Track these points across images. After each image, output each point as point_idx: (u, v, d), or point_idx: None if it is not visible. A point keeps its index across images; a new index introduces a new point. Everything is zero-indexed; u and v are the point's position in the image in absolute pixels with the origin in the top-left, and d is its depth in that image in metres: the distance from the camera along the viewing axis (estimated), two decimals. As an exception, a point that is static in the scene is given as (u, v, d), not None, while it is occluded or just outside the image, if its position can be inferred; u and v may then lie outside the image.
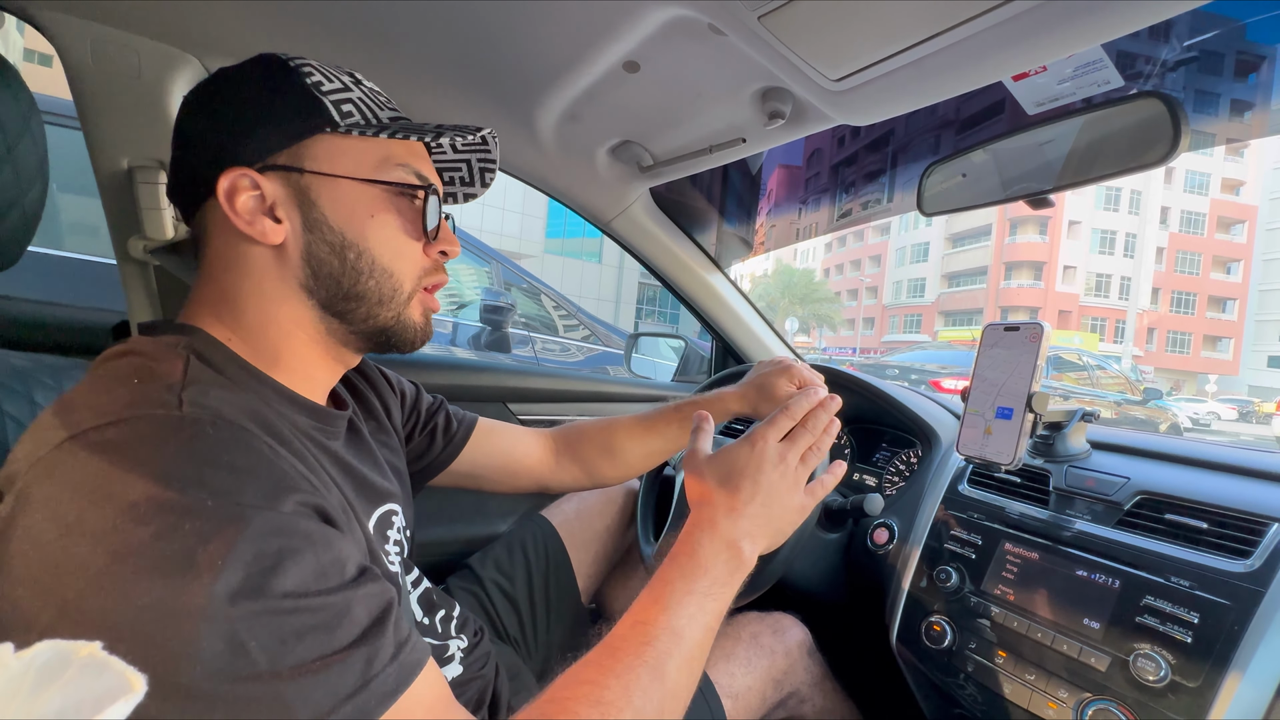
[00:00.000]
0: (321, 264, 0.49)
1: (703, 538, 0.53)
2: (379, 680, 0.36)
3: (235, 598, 0.32)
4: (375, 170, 0.50)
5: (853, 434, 1.29)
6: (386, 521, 0.58)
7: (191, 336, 0.46)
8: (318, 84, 0.49)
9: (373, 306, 0.51)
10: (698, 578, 0.51)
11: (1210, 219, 40.08)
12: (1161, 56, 1.11)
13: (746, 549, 0.54)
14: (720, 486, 0.56)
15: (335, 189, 0.48)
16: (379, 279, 0.50)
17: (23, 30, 8.83)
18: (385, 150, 0.51)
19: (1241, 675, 0.57)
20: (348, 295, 0.50)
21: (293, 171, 0.47)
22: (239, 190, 0.46)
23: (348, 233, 0.49)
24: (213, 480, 0.35)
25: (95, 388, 0.40)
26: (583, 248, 24.14)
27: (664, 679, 0.46)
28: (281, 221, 0.47)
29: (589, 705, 0.42)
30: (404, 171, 0.51)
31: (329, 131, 0.48)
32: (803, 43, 0.67)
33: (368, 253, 0.50)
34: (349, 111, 0.49)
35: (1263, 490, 0.71)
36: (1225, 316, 41.01)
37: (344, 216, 0.49)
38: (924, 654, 0.82)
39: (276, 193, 0.47)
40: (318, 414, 0.52)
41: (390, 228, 0.51)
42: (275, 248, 0.48)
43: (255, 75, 0.49)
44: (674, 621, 0.48)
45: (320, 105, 0.48)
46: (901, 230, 46.98)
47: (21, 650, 0.20)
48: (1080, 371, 9.33)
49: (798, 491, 0.57)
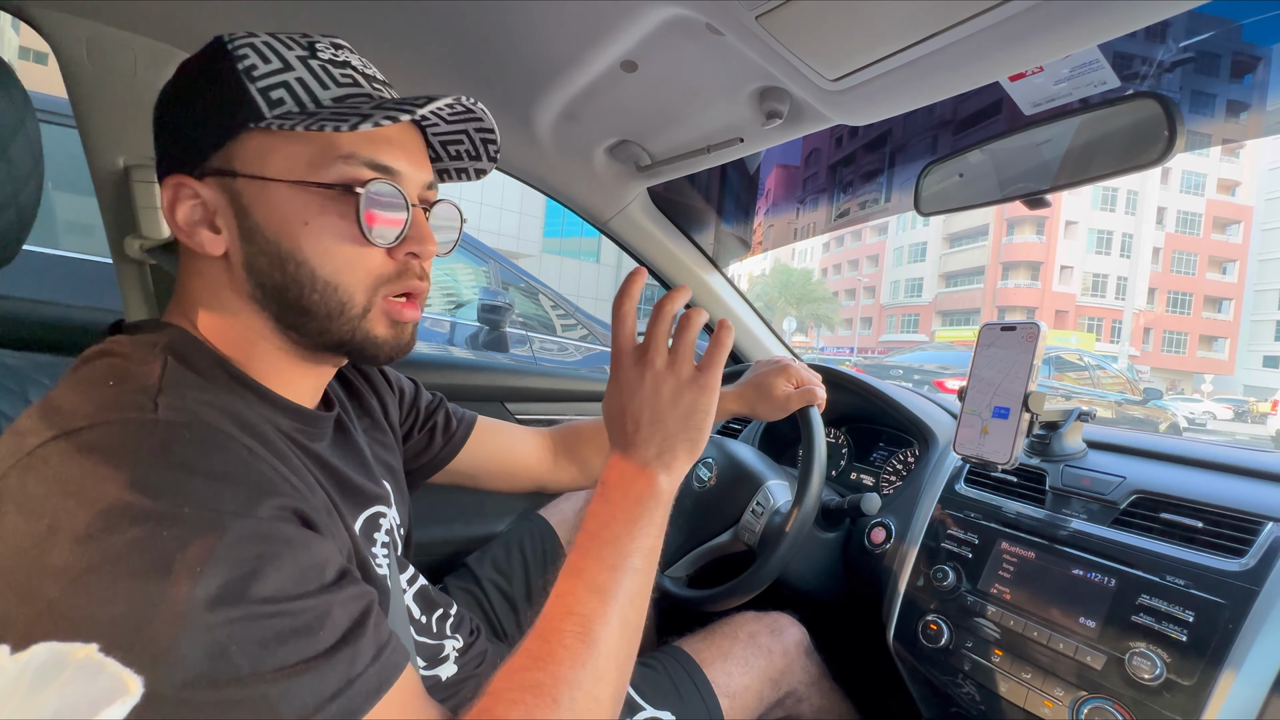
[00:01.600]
0: (264, 276, 0.45)
1: (607, 488, 0.49)
2: (361, 681, 0.36)
3: (214, 604, 0.32)
4: (310, 169, 0.43)
5: (850, 433, 1.29)
6: (374, 523, 0.58)
7: (171, 336, 0.45)
8: (250, 69, 0.43)
9: (323, 321, 0.46)
10: (608, 526, 0.47)
11: (1206, 219, 40.25)
12: (1158, 57, 1.11)
13: (660, 477, 0.49)
14: (612, 429, 0.52)
15: (266, 193, 0.43)
16: (323, 293, 0.45)
17: (18, 28, 8.78)
18: (324, 141, 0.43)
19: (1236, 673, 0.57)
20: (295, 309, 0.45)
21: (226, 175, 0.44)
22: (180, 200, 0.44)
23: (283, 242, 0.44)
24: (189, 487, 0.35)
25: (73, 390, 0.39)
26: (580, 247, 24.12)
27: (594, 642, 0.43)
28: (219, 231, 0.44)
29: (523, 691, 0.40)
30: (350, 166, 0.44)
31: (254, 127, 0.43)
32: (800, 42, 0.67)
33: (306, 264, 0.44)
34: (279, 99, 0.43)
35: (1257, 489, 0.71)
36: (1221, 316, 41.19)
37: (277, 225, 0.44)
38: (921, 653, 0.83)
39: (215, 200, 0.44)
40: (301, 416, 0.50)
41: (329, 234, 0.44)
42: (222, 258, 0.45)
43: (197, 66, 0.45)
44: (595, 580, 0.45)
45: (246, 96, 0.42)
46: (899, 230, 47.08)
47: (18, 652, 0.20)
48: (1081, 371, 9.37)
49: (679, 373, 0.50)
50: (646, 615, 0.49)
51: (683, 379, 0.50)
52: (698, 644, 0.85)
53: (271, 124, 0.42)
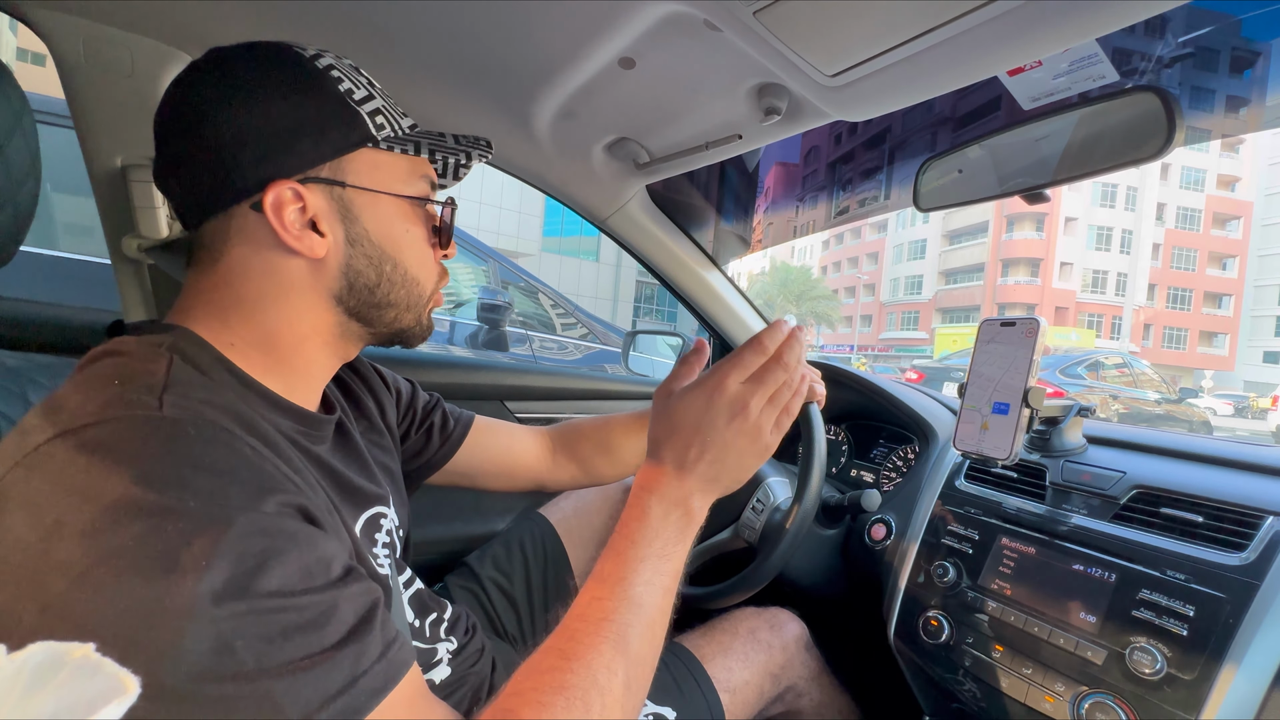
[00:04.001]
0: (359, 276, 0.50)
1: (651, 501, 0.50)
2: (367, 678, 0.36)
3: (220, 598, 0.32)
4: (406, 183, 0.52)
5: (850, 430, 1.29)
6: (374, 524, 0.58)
7: (177, 336, 0.45)
8: (349, 92, 0.49)
9: (401, 313, 0.54)
10: (649, 542, 0.48)
11: (1206, 215, 40.22)
12: (1157, 52, 1.11)
13: (697, 505, 0.50)
14: (670, 438, 0.51)
15: (376, 203, 0.50)
16: (409, 288, 0.53)
17: (16, 30, 8.79)
18: (413, 162, 0.53)
19: (1237, 667, 0.58)
20: (379, 304, 0.52)
21: (335, 185, 0.48)
22: (284, 203, 0.46)
23: (386, 247, 0.51)
24: (194, 482, 0.35)
25: (78, 389, 0.39)
26: (580, 246, 24.10)
27: (627, 651, 0.44)
28: (325, 235, 0.48)
29: (552, 693, 0.40)
30: (424, 183, 0.54)
31: (370, 147, 0.49)
32: (798, 38, 0.67)
33: (401, 264, 0.52)
34: (382, 124, 0.50)
35: (1258, 484, 0.71)
36: (1221, 312, 41.18)
37: (384, 231, 0.51)
38: (921, 649, 0.83)
39: (319, 206, 0.47)
40: (303, 419, 0.51)
41: (419, 239, 0.54)
42: (314, 260, 0.48)
43: (280, 72, 0.47)
44: (630, 591, 0.46)
45: (359, 119, 0.49)
46: (898, 227, 47.05)
47: (14, 652, 0.20)
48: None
49: (760, 437, 0.51)
50: None
51: (764, 429, 0.51)
52: (698, 640, 0.85)
53: (384, 145, 0.50)
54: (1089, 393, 8.55)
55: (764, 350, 0.51)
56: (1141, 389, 9.41)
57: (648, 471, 0.51)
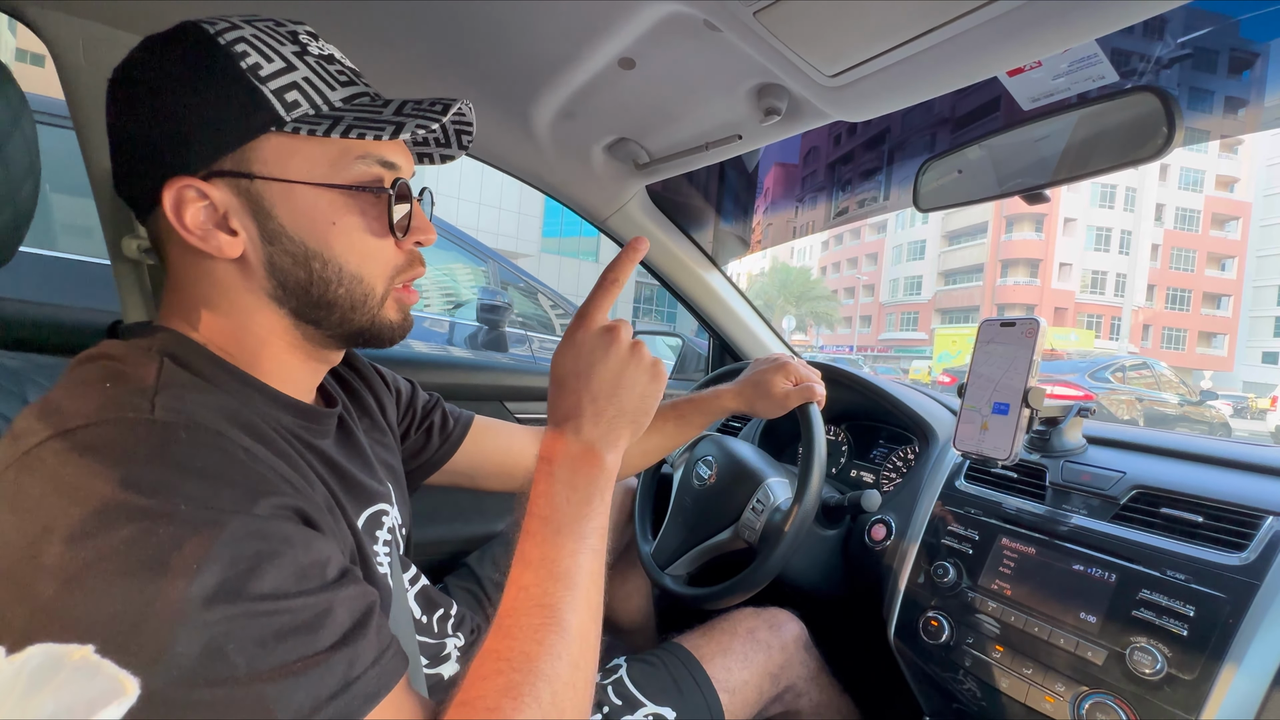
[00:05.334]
0: (287, 275, 0.46)
1: (552, 467, 0.47)
2: (361, 683, 0.36)
3: (211, 601, 0.32)
4: (332, 170, 0.45)
5: (850, 430, 1.29)
6: (376, 521, 0.58)
7: (166, 338, 0.44)
8: (255, 67, 0.43)
9: (346, 313, 0.48)
10: (561, 509, 0.46)
11: (1205, 216, 40.26)
12: (1156, 53, 1.11)
13: (604, 453, 0.48)
14: (558, 398, 0.50)
15: (290, 195, 0.44)
16: (349, 286, 0.47)
17: (15, 30, 8.77)
18: (343, 144, 0.45)
19: (1237, 667, 0.57)
20: (318, 304, 0.47)
21: (241, 178, 0.43)
22: (185, 203, 0.43)
23: (310, 242, 0.45)
24: (185, 486, 0.35)
25: (69, 392, 0.39)
26: (579, 246, 24.11)
27: (566, 631, 0.42)
28: (237, 233, 0.44)
29: (499, 696, 0.38)
30: (365, 164, 0.46)
31: (275, 131, 0.43)
32: (798, 39, 0.67)
33: (334, 261, 0.46)
34: (294, 102, 0.44)
35: (1257, 484, 0.71)
36: (1220, 313, 41.21)
37: (304, 225, 0.45)
38: (922, 649, 0.83)
39: (227, 201, 0.44)
40: (304, 413, 0.51)
41: (356, 231, 0.46)
42: (237, 260, 0.45)
43: (181, 57, 0.44)
44: (556, 568, 0.44)
45: (262, 99, 0.43)
46: (898, 228, 47.08)
47: (13, 654, 0.20)
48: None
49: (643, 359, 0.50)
50: (646, 611, 0.48)
51: (644, 363, 0.50)
52: (697, 640, 0.85)
53: (294, 128, 0.43)
54: (1114, 394, 8.70)
55: (616, 281, 0.50)
56: (1164, 391, 9.60)
57: (545, 441, 0.49)
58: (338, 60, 0.48)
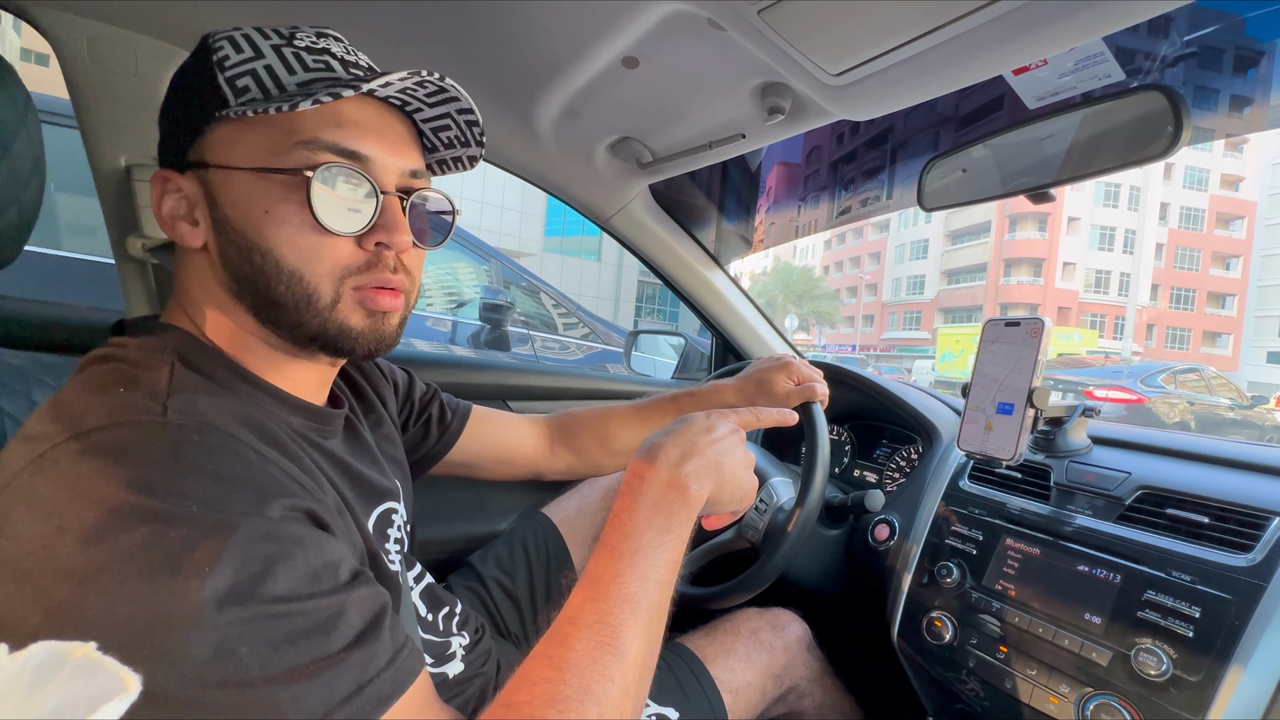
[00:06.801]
0: (236, 268, 0.44)
1: (642, 486, 0.48)
2: (374, 685, 0.36)
3: (223, 603, 0.32)
4: (270, 155, 0.42)
5: (853, 430, 1.29)
6: (386, 520, 0.58)
7: (176, 339, 0.44)
8: (223, 60, 0.43)
9: (293, 313, 0.44)
10: (642, 532, 0.46)
11: (1209, 215, 40.10)
12: (1161, 52, 1.10)
13: (693, 486, 0.49)
14: (663, 439, 0.52)
15: (231, 183, 0.43)
16: (289, 283, 0.43)
17: (20, 30, 8.79)
18: (286, 128, 0.42)
19: (1243, 669, 0.57)
20: (266, 301, 0.44)
21: (199, 168, 0.44)
22: (165, 194, 0.45)
23: (248, 232, 0.43)
24: (197, 488, 0.35)
25: (81, 393, 0.39)
26: (582, 246, 24.10)
27: (623, 655, 0.41)
28: (198, 224, 0.44)
29: (545, 705, 0.38)
30: (308, 151, 0.42)
31: (219, 116, 0.42)
32: (802, 37, 0.67)
33: (271, 254, 0.43)
34: (244, 87, 0.42)
35: (1263, 484, 0.71)
36: (1224, 312, 41.03)
37: (242, 214, 0.43)
38: (925, 650, 0.82)
39: (194, 192, 0.44)
40: (312, 414, 0.51)
41: (290, 223, 0.43)
42: (203, 251, 0.45)
43: (185, 64, 0.46)
44: (625, 589, 0.43)
45: (215, 87, 0.42)
46: (900, 227, 46.97)
47: (16, 651, 0.20)
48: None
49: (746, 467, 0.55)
50: None
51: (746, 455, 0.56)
52: (700, 640, 0.85)
53: (234, 111, 0.42)
54: (1168, 399, 8.74)
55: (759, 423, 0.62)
56: (1215, 395, 9.57)
57: (639, 462, 0.50)
58: (330, 54, 0.46)
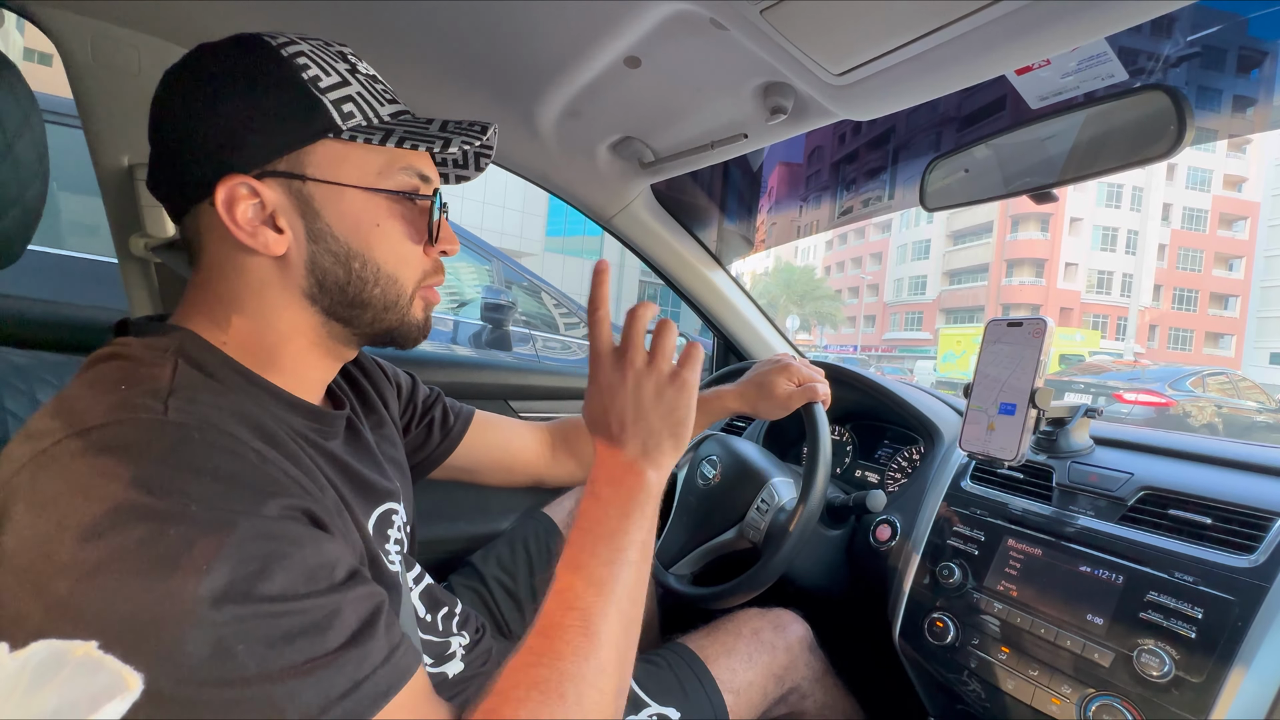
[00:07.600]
0: (326, 273, 0.48)
1: (596, 480, 0.52)
2: (370, 682, 0.36)
3: (220, 602, 0.32)
4: (380, 176, 0.48)
5: (855, 430, 1.28)
6: (386, 520, 0.58)
7: (181, 339, 0.45)
8: (315, 79, 0.46)
9: (378, 313, 0.51)
10: (601, 520, 0.49)
11: (1212, 215, 39.96)
12: (1164, 52, 1.10)
13: (647, 470, 0.51)
14: (595, 429, 0.54)
15: (339, 198, 0.47)
16: (384, 286, 0.50)
17: (23, 29, 8.82)
18: (391, 154, 0.49)
19: (1246, 670, 0.57)
20: (353, 303, 0.49)
21: (294, 179, 0.46)
22: (237, 200, 0.44)
23: (353, 243, 0.48)
24: (196, 487, 0.35)
25: (84, 391, 0.39)
26: (583, 245, 24.13)
27: (596, 636, 0.44)
28: (284, 231, 0.46)
29: (527, 689, 0.41)
30: (407, 175, 0.50)
31: (332, 138, 0.46)
32: (805, 37, 0.67)
33: (373, 262, 0.49)
34: (350, 113, 0.47)
35: (1267, 485, 0.70)
36: (1227, 313, 40.90)
37: (349, 226, 0.48)
38: (927, 650, 0.82)
39: (277, 201, 0.46)
40: (314, 415, 0.51)
41: (395, 235, 0.50)
42: (277, 258, 0.47)
43: (243, 64, 0.46)
44: (593, 575, 0.47)
45: (321, 108, 0.46)
46: (902, 227, 46.92)
47: (17, 649, 0.20)
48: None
49: (665, 384, 0.52)
50: (650, 611, 0.49)
51: (663, 376, 0.52)
52: (702, 640, 0.85)
53: (349, 135, 0.46)
54: (1196, 402, 8.75)
55: (598, 309, 0.54)
56: (1242, 398, 9.58)
57: (594, 461, 0.54)
58: (381, 81, 0.52)
